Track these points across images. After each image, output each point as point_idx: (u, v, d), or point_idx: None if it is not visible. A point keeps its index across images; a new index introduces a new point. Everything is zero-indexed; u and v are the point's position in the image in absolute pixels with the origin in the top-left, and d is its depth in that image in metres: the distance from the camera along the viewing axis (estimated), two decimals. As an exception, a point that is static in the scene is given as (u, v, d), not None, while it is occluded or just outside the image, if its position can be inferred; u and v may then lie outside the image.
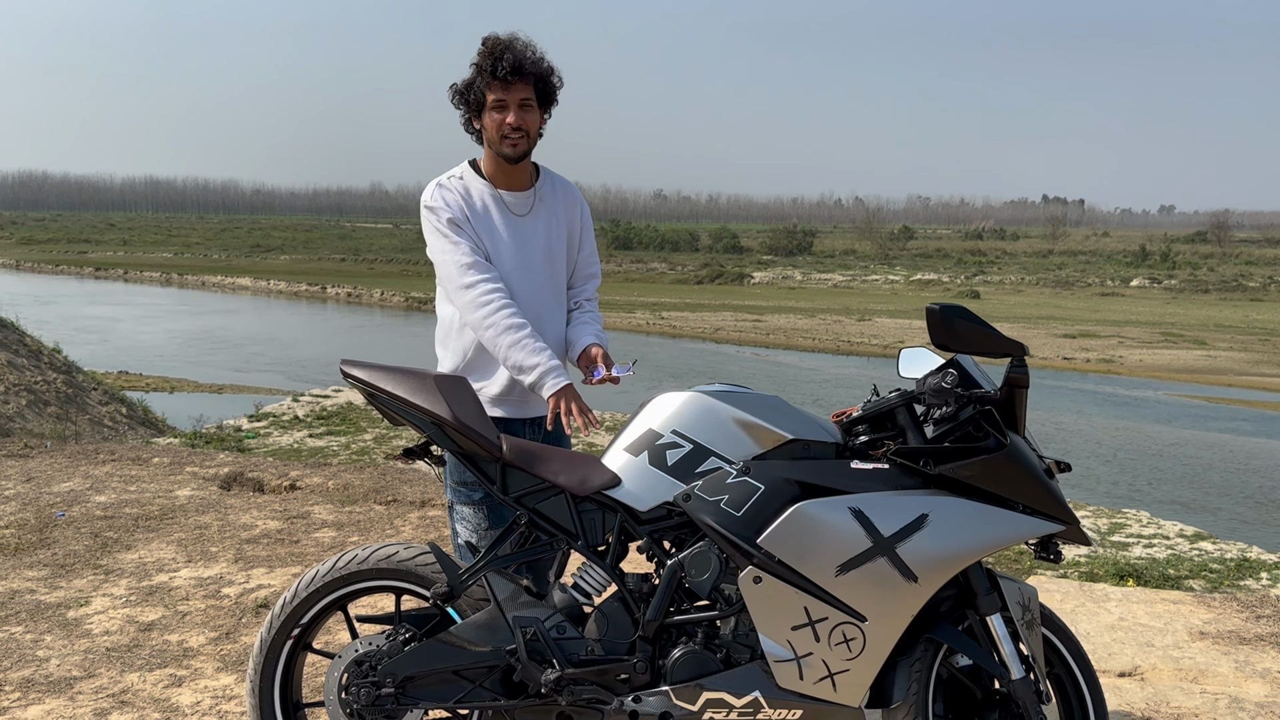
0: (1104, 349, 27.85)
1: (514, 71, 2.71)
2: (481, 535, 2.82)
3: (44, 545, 4.85)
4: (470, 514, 2.84)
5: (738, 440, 2.45)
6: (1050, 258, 68.82)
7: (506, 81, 2.72)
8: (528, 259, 2.86)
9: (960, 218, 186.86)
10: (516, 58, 2.72)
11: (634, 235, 75.24)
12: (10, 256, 60.36)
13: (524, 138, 2.78)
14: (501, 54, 2.72)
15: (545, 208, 2.92)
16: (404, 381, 2.53)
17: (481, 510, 2.82)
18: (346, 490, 5.99)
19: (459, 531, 2.88)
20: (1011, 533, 2.38)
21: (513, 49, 2.73)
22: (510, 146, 2.78)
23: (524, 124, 2.75)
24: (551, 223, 2.92)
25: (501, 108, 2.75)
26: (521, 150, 2.79)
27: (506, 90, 2.73)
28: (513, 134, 2.76)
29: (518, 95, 2.74)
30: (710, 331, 31.19)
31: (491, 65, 2.72)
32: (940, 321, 2.35)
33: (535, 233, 2.88)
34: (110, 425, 12.91)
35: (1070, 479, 12.01)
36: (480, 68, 2.75)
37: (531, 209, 2.89)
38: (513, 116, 2.74)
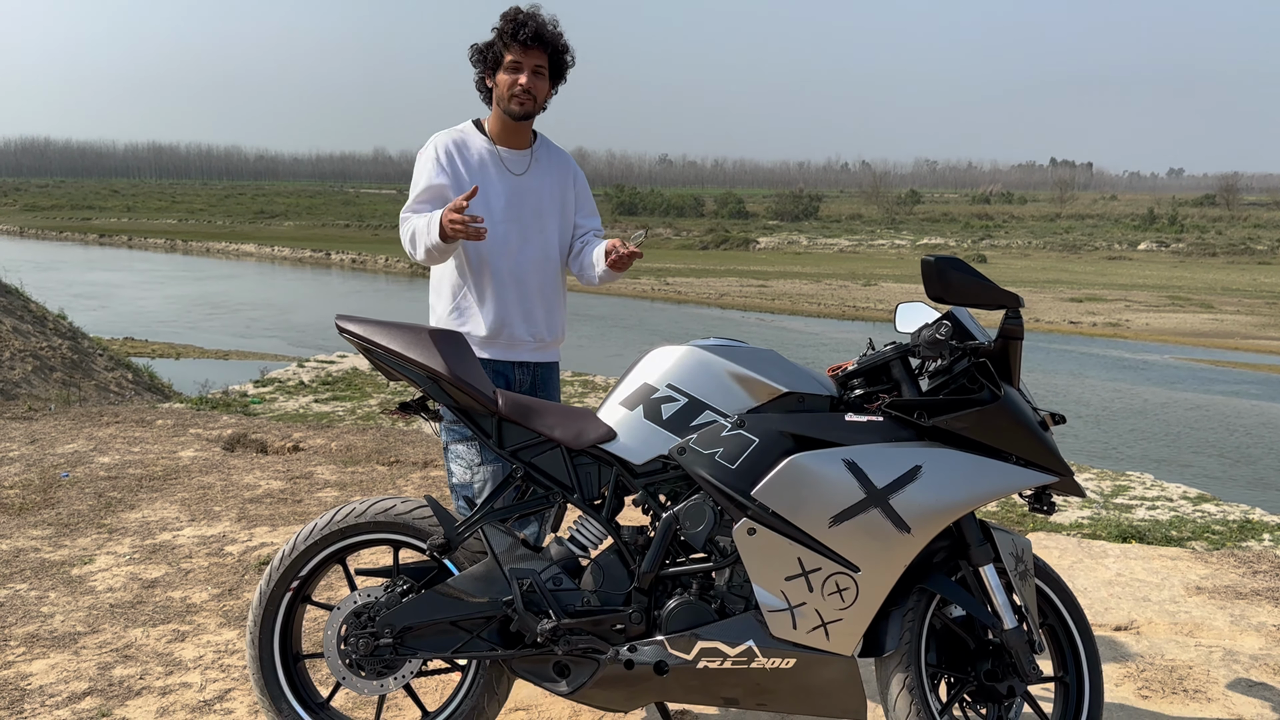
0: (1111, 313, 27.75)
1: (534, 38, 2.92)
2: (475, 471, 2.93)
3: (48, 505, 4.89)
4: (464, 450, 2.96)
5: (733, 394, 2.46)
6: (1058, 221, 68.40)
7: (526, 45, 2.92)
8: (519, 213, 3.03)
9: (967, 181, 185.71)
10: (539, 26, 2.93)
11: (639, 201, 74.88)
12: (14, 223, 60.31)
13: (531, 100, 2.97)
14: (526, 21, 2.93)
15: (540, 168, 3.10)
16: (399, 336, 2.54)
17: (474, 446, 2.94)
18: (349, 451, 6.02)
19: (454, 471, 2.99)
20: (1004, 484, 2.38)
21: (537, 18, 2.95)
22: (518, 104, 2.96)
23: (533, 88, 2.96)
24: (545, 183, 3.10)
25: (516, 68, 2.94)
26: (527, 110, 2.98)
27: (524, 53, 2.93)
28: (522, 94, 2.95)
29: (533, 60, 2.94)
30: (715, 297, 31.11)
31: (513, 29, 2.92)
32: (935, 274, 2.35)
33: (529, 190, 3.06)
34: (116, 391, 12.95)
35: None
36: (502, 30, 2.95)
37: (528, 168, 3.07)
38: (525, 78, 2.94)
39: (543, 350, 3.12)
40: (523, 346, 3.05)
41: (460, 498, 2.97)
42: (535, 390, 3.13)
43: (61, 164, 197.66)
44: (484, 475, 2.93)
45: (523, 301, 3.04)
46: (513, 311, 3.02)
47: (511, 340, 3.03)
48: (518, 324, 3.03)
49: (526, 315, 3.05)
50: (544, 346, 3.12)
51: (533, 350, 3.08)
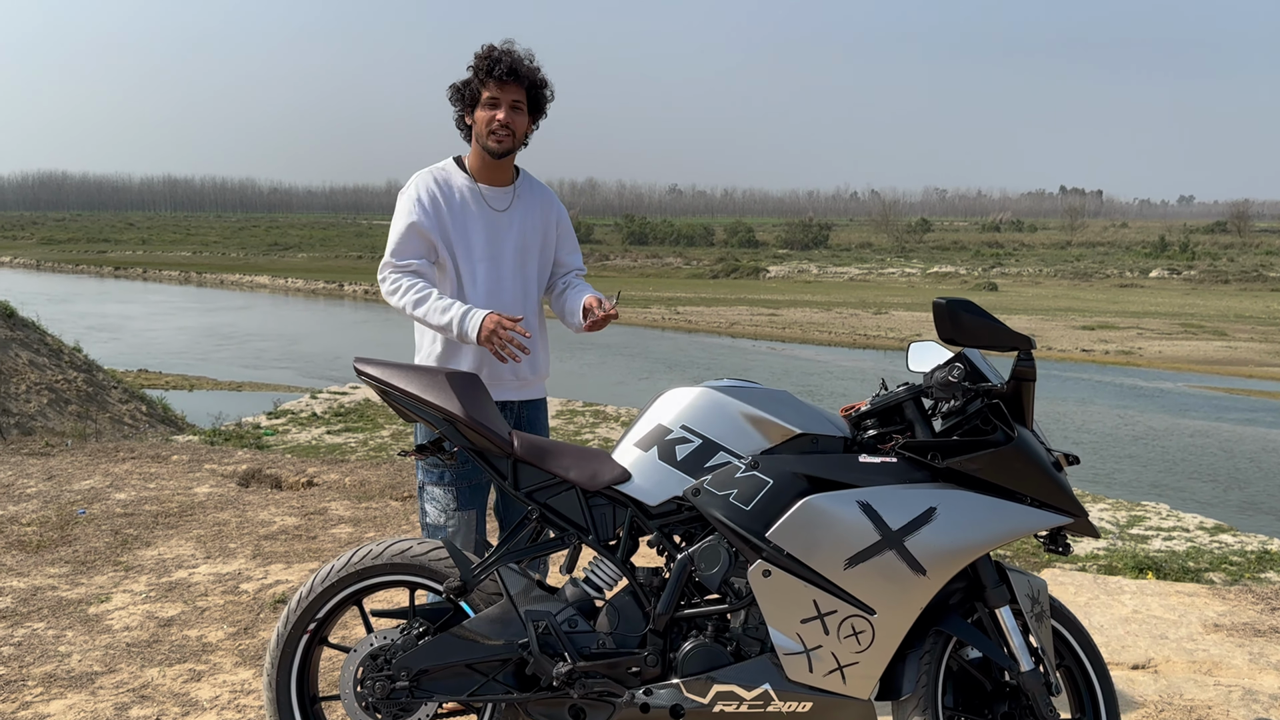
0: (1123, 340, 27.66)
1: (509, 73, 2.92)
2: (449, 516, 2.96)
3: (65, 542, 4.92)
4: (440, 494, 2.98)
5: (746, 435, 2.47)
6: (1068, 249, 68.38)
7: (502, 81, 2.93)
8: (498, 250, 3.04)
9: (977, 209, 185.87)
10: (514, 62, 2.94)
11: (649, 230, 75.19)
12: (31, 256, 60.89)
13: (510, 136, 2.97)
14: (500, 57, 2.94)
15: (522, 205, 3.10)
16: (417, 379, 2.56)
17: (450, 491, 2.96)
18: (363, 486, 6.04)
19: (427, 511, 3.01)
20: (1019, 525, 2.39)
21: (511, 54, 2.95)
22: (496, 142, 2.96)
23: (512, 123, 2.95)
24: (527, 220, 3.10)
25: (494, 104, 2.95)
26: (506, 147, 2.98)
27: (501, 89, 2.94)
28: (500, 130, 2.95)
29: (510, 96, 2.95)
30: (726, 326, 31.14)
31: (489, 65, 2.93)
32: (947, 316, 2.36)
33: (510, 228, 3.07)
34: (130, 423, 13.02)
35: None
36: (477, 68, 2.96)
37: (510, 205, 3.08)
38: (503, 114, 2.94)
39: (526, 388, 3.13)
40: (506, 385, 3.06)
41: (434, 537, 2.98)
42: (522, 430, 3.13)
43: (78, 198, 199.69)
44: (457, 521, 2.97)
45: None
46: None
47: (495, 378, 3.02)
48: (499, 362, 3.01)
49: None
50: (527, 384, 3.13)
51: (516, 389, 3.09)
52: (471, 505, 3.00)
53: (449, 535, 2.98)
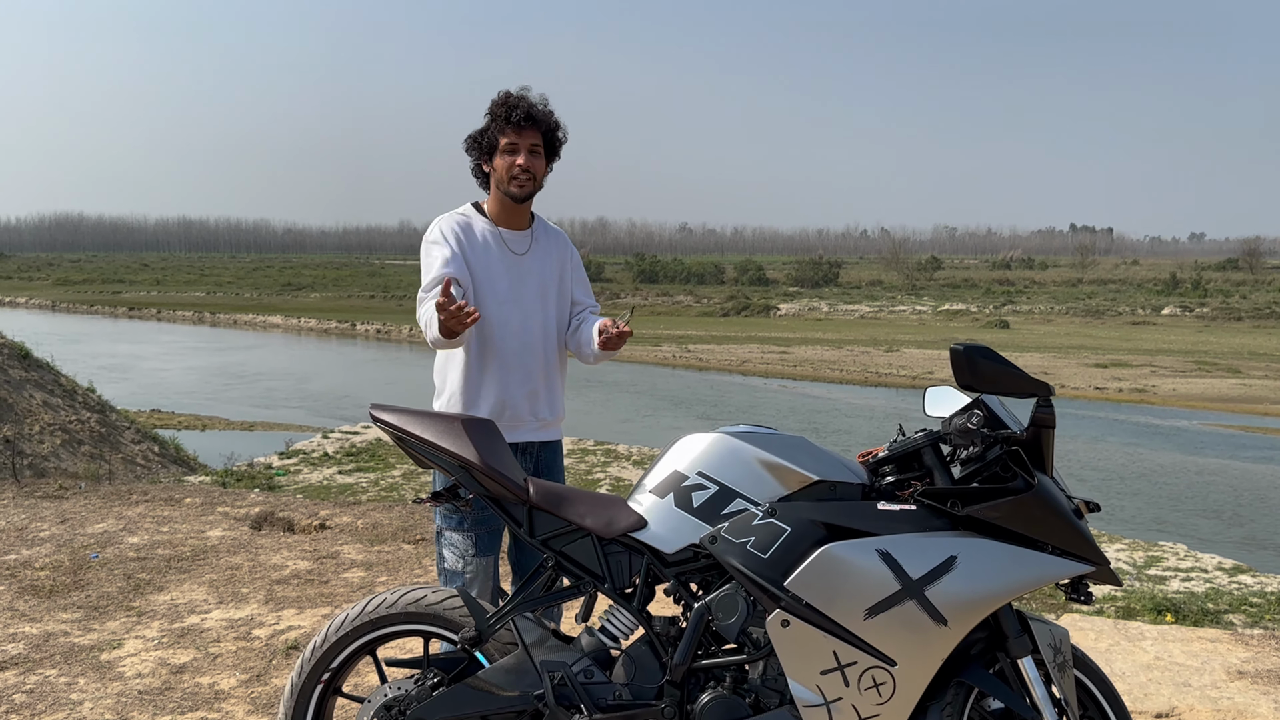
0: (1137, 378, 27.52)
1: (526, 119, 2.99)
2: (467, 562, 2.96)
3: (78, 587, 4.90)
4: (459, 540, 2.98)
5: (763, 482, 2.45)
6: (1080, 287, 68.29)
7: (519, 127, 2.99)
8: (521, 293, 3.08)
9: (987, 247, 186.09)
10: (529, 107, 3.00)
11: (660, 269, 75.45)
12: (46, 297, 61.38)
13: (530, 180, 3.04)
14: (517, 103, 3.01)
15: (540, 248, 3.16)
16: (432, 425, 2.56)
17: (469, 537, 2.96)
18: (375, 529, 6.02)
19: (445, 557, 3.01)
20: (1041, 574, 2.36)
21: (526, 100, 3.02)
22: (518, 187, 3.03)
23: (532, 167, 3.02)
24: (545, 262, 3.16)
25: (513, 150, 3.01)
26: (527, 191, 3.05)
27: (519, 135, 3.00)
28: (521, 175, 3.01)
29: (528, 140, 3.01)
30: (737, 364, 31.12)
31: (506, 112, 3.00)
32: (964, 362, 2.35)
33: (531, 270, 3.12)
34: (143, 464, 13.04)
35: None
36: (495, 115, 3.03)
37: (529, 249, 3.13)
38: (523, 159, 3.00)
39: (545, 429, 3.15)
40: (525, 426, 3.08)
41: (448, 585, 2.98)
42: (539, 474, 3.15)
43: (94, 239, 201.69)
44: (475, 567, 2.97)
45: (526, 381, 3.07)
46: (515, 391, 3.05)
47: (515, 420, 3.05)
48: (521, 403, 3.06)
49: (530, 395, 3.08)
50: (546, 425, 3.15)
51: (535, 430, 3.11)
52: (490, 551, 3.01)
53: (466, 581, 2.98)
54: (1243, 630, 4.80)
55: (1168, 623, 4.87)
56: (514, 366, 3.05)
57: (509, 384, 3.04)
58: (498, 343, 3.03)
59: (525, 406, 3.06)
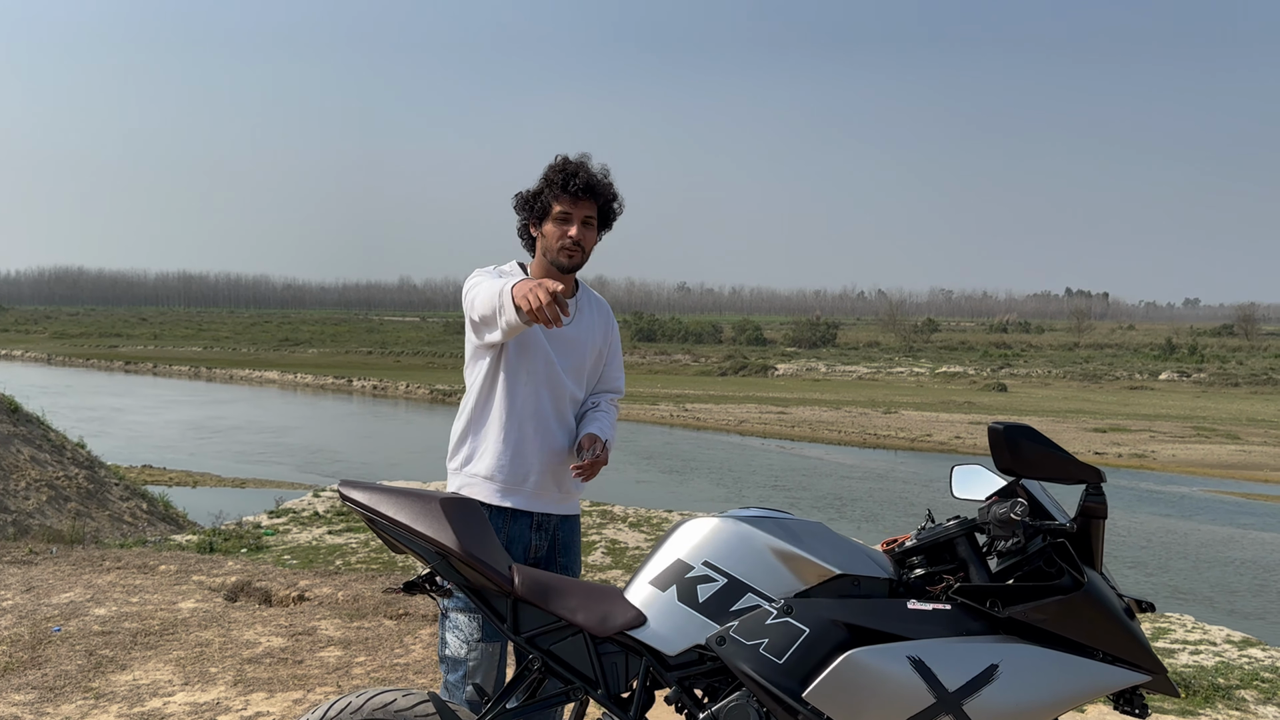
0: (1135, 444, 27.26)
1: (586, 189, 2.82)
2: (472, 647, 2.69)
3: (35, 664, 4.58)
4: (464, 622, 2.72)
5: (777, 574, 2.19)
6: (1076, 350, 68.23)
7: (577, 198, 2.82)
8: (558, 362, 2.89)
9: (983, 310, 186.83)
10: (589, 177, 2.84)
11: (658, 327, 75.46)
12: (42, 350, 61.12)
13: (580, 252, 2.87)
14: (576, 171, 2.83)
15: (584, 318, 2.98)
16: (407, 506, 2.30)
17: (476, 620, 2.70)
18: (356, 602, 5.71)
19: (448, 642, 2.75)
20: (1092, 685, 2.09)
21: (587, 169, 2.85)
22: (567, 257, 2.86)
23: (583, 240, 2.86)
24: (587, 334, 2.98)
25: (566, 220, 2.84)
26: (576, 262, 2.89)
27: (574, 205, 2.83)
28: (571, 246, 2.84)
29: (583, 212, 2.84)
30: (735, 424, 30.81)
31: (564, 180, 2.82)
32: (1005, 443, 2.11)
33: (573, 341, 2.94)
34: (130, 521, 12.70)
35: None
36: (551, 180, 2.85)
37: (573, 318, 2.93)
38: (575, 230, 2.83)
39: (566, 501, 2.96)
40: (549, 496, 2.89)
41: (450, 673, 2.74)
42: (555, 550, 2.91)
43: (93, 293, 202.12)
44: (479, 655, 2.70)
45: (555, 453, 2.89)
46: (545, 461, 2.86)
47: (540, 490, 2.86)
48: (546, 474, 2.87)
49: (556, 466, 2.89)
50: (569, 497, 2.97)
51: (558, 501, 2.92)
52: (498, 637, 2.72)
53: (469, 670, 2.70)
54: (1255, 707, 4.52)
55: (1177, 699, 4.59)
56: (545, 435, 2.86)
57: (538, 453, 2.86)
58: (530, 410, 2.85)
59: (550, 478, 2.88)
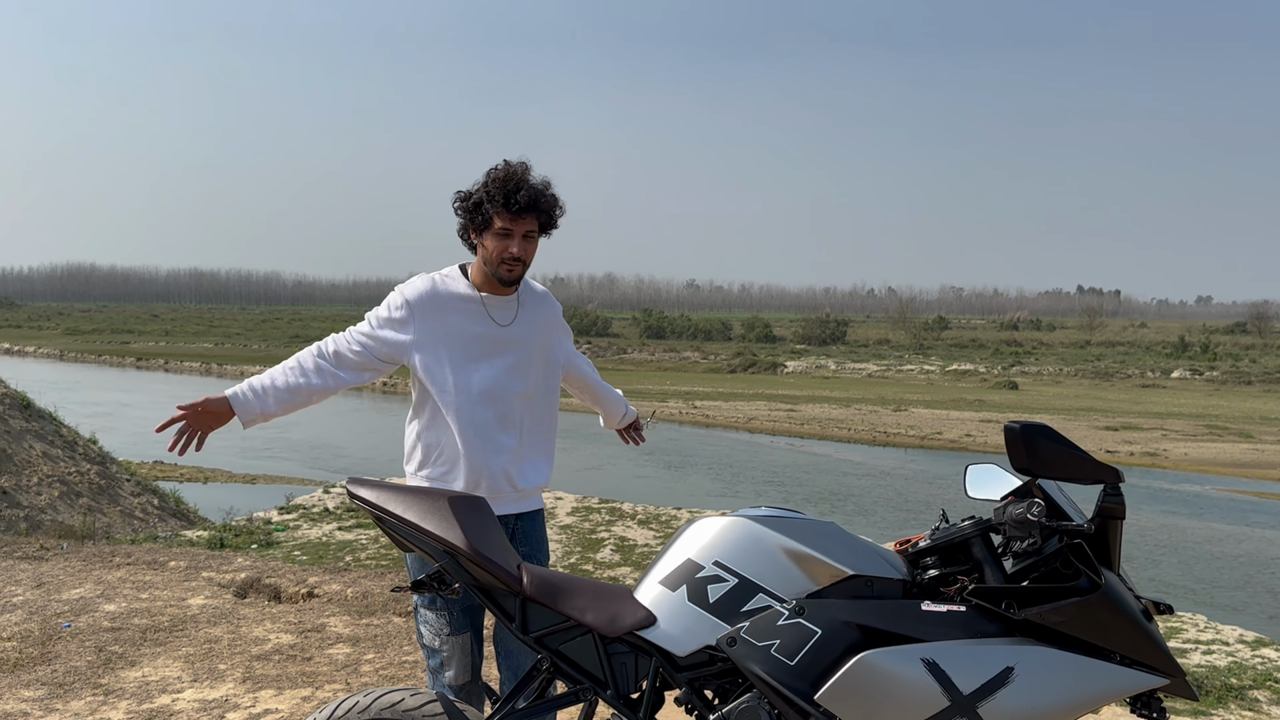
0: (1147, 442, 27.10)
1: (527, 207, 2.76)
2: (443, 640, 2.78)
3: (45, 660, 4.58)
4: (432, 618, 2.80)
5: (789, 575, 2.16)
6: (1088, 349, 67.94)
7: (518, 215, 2.77)
8: (501, 363, 2.88)
9: (994, 308, 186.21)
10: (532, 193, 2.76)
11: (667, 325, 75.41)
12: (55, 346, 61.35)
13: (521, 266, 2.84)
14: (518, 186, 2.75)
15: (527, 315, 2.95)
16: (415, 504, 2.28)
17: (443, 615, 2.78)
18: (365, 599, 5.70)
19: (423, 633, 2.84)
20: (1109, 688, 2.06)
21: (528, 183, 2.77)
22: (507, 271, 2.83)
23: (524, 254, 2.82)
24: (532, 331, 2.95)
25: (507, 235, 2.79)
26: (516, 276, 2.85)
27: (514, 221, 2.77)
28: (511, 261, 2.81)
29: (524, 227, 2.79)
30: (744, 421, 30.75)
31: (505, 197, 2.75)
32: (1022, 442, 2.07)
33: (514, 340, 2.91)
34: (141, 517, 12.72)
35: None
36: (492, 194, 2.77)
37: (515, 318, 2.92)
38: (516, 247, 2.79)
39: (525, 499, 2.97)
40: (506, 498, 2.88)
41: (429, 659, 2.84)
42: (516, 541, 2.93)
43: (105, 289, 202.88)
44: (451, 647, 2.78)
45: (502, 452, 2.86)
46: (492, 463, 2.84)
47: (494, 492, 2.85)
48: (498, 476, 2.85)
49: (506, 467, 2.87)
50: (526, 495, 2.96)
51: (515, 500, 2.93)
52: (465, 629, 2.81)
53: (444, 660, 2.80)
54: (1269, 708, 4.47)
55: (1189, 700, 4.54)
56: (490, 437, 2.84)
57: (485, 456, 2.83)
58: (473, 413, 2.82)
59: (502, 479, 2.86)
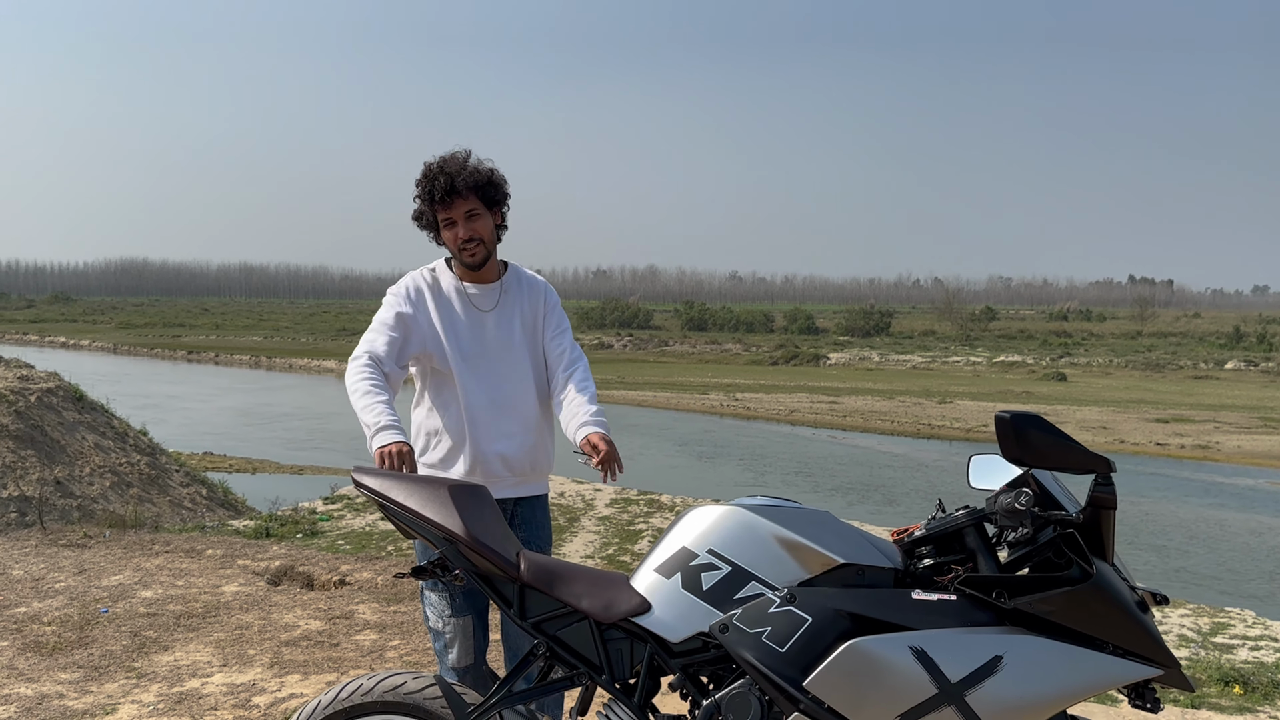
0: (1199, 434, 26.59)
1: (449, 192, 2.86)
2: (445, 623, 2.87)
3: (82, 644, 4.72)
4: (435, 600, 2.89)
5: (782, 563, 2.18)
6: (1139, 339, 66.72)
7: (446, 203, 2.88)
8: (486, 348, 2.96)
9: (1043, 298, 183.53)
10: (449, 179, 2.86)
11: (708, 317, 75.25)
12: (108, 340, 62.68)
13: (480, 245, 2.94)
14: (435, 178, 2.87)
15: (509, 300, 3.03)
16: (417, 492, 2.33)
17: (445, 596, 2.87)
18: (394, 587, 5.79)
19: (428, 615, 2.93)
20: (1099, 678, 2.05)
21: (445, 170, 2.87)
22: (470, 256, 2.94)
23: (475, 233, 2.92)
24: (514, 315, 3.03)
25: (451, 225, 2.92)
26: (480, 257, 2.95)
27: (449, 209, 2.90)
28: (468, 245, 2.92)
29: (462, 210, 2.90)
30: (785, 413, 30.63)
31: (429, 191, 2.89)
32: (1012, 432, 2.07)
33: (497, 325, 3.00)
34: (189, 507, 13.00)
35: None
36: (421, 197, 2.92)
37: (498, 303, 3.01)
38: (463, 230, 2.91)
39: (524, 483, 3.03)
40: (501, 482, 2.96)
41: (435, 642, 2.93)
42: (514, 528, 3.00)
43: (157, 284, 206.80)
44: (453, 629, 2.87)
45: (498, 438, 2.94)
46: (487, 449, 2.93)
47: (490, 476, 2.93)
48: (493, 460, 2.94)
49: (503, 451, 2.95)
50: (525, 479, 3.02)
51: (512, 485, 3.00)
52: (466, 612, 2.90)
53: (446, 642, 2.90)
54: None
55: (1235, 695, 4.47)
56: (484, 423, 2.93)
57: (479, 441, 2.93)
58: (466, 400, 2.93)
59: (498, 463, 2.94)
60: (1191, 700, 4.57)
